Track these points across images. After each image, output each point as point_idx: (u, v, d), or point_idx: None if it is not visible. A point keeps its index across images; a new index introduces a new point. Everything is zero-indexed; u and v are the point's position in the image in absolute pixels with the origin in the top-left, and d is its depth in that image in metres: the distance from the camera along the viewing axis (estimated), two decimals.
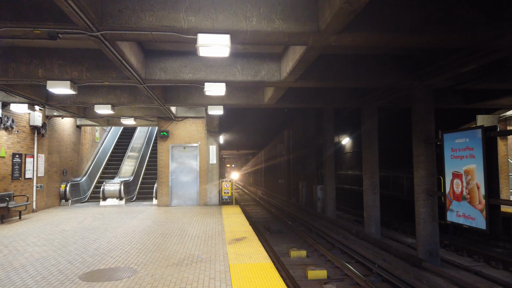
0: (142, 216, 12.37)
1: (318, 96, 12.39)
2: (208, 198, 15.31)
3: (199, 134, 15.46)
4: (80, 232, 9.32)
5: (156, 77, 8.65)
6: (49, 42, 8.08)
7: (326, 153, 17.33)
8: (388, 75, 9.13)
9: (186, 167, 15.38)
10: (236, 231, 9.35)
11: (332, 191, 17.09)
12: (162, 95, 11.35)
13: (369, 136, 12.62)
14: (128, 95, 11.81)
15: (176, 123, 15.43)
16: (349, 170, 27.99)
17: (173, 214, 12.62)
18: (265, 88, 11.65)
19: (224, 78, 8.80)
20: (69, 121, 16.61)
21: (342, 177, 26.65)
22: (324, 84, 9.45)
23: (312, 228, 15.84)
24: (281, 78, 8.80)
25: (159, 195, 15.24)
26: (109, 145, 21.68)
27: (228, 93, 12.12)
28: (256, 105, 12.35)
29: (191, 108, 15.35)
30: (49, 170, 14.81)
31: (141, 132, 22.50)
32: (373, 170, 12.53)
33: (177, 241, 8.09)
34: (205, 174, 15.35)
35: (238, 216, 12.08)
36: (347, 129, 26.63)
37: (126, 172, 18.68)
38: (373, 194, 12.51)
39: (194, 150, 15.42)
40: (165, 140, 15.35)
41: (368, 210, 12.59)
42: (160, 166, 15.28)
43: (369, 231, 12.50)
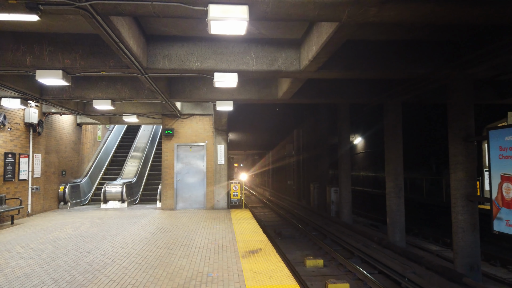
0: (144, 221, 11.35)
1: (336, 90, 11.30)
2: (216, 201, 14.27)
3: (206, 132, 14.43)
4: (74, 241, 8.31)
5: (159, 66, 7.62)
6: (38, 26, 7.08)
7: (341, 153, 16.22)
8: (423, 64, 8.02)
9: (192, 167, 14.36)
10: (249, 240, 8.28)
11: (348, 194, 15.98)
12: (166, 88, 10.33)
13: (392, 134, 11.51)
14: (130, 89, 10.80)
15: (182, 120, 14.41)
16: (361, 171, 26.86)
17: (179, 219, 11.59)
18: (280, 81, 10.58)
19: (236, 67, 7.75)
20: (68, 119, 15.65)
21: (354, 179, 25.53)
22: (349, 75, 8.36)
23: (327, 233, 14.74)
24: (301, 67, 7.72)
25: (163, 197, 14.22)
26: (112, 144, 20.72)
27: (238, 87, 11.07)
28: (269, 100, 11.29)
29: (197, 105, 14.32)
30: (47, 170, 13.84)
31: (145, 131, 21.53)
32: (397, 172, 11.42)
33: (183, 253, 7.05)
34: (213, 176, 14.31)
35: (249, 222, 11.02)
36: (358, 129, 25.52)
37: (129, 173, 17.69)
38: (398, 198, 11.40)
39: (201, 150, 14.39)
40: (170, 139, 14.33)
41: (392, 216, 11.47)
42: (164, 167, 14.26)
43: (393, 238, 11.39)
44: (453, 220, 8.23)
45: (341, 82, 11.30)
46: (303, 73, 7.89)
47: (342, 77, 8.77)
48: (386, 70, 8.10)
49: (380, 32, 7.56)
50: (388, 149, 11.61)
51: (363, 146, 26.50)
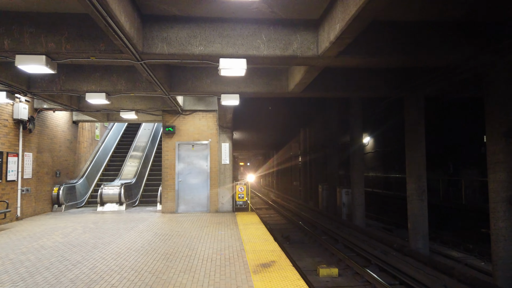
0: (142, 226, 10.37)
1: (352, 83, 10.30)
2: (220, 204, 13.28)
3: (209, 130, 13.44)
4: (61, 250, 7.34)
5: (157, 51, 6.64)
6: (17, 4, 6.12)
7: (354, 151, 15.20)
8: (457, 49, 7.01)
9: (195, 168, 13.38)
10: (259, 250, 7.28)
11: (361, 196, 14.97)
12: (166, 80, 9.35)
13: (414, 132, 10.49)
14: (126, 81, 9.83)
15: (184, 117, 13.43)
16: (371, 172, 25.80)
17: (180, 224, 10.61)
18: (291, 71, 9.58)
19: (244, 52, 6.76)
20: (63, 115, 14.71)
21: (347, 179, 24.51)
22: (372, 62, 7.37)
23: (338, 238, 13.73)
24: (319, 51, 6.73)
25: (163, 200, 13.24)
26: (111, 143, 19.77)
27: (245, 79, 10.08)
28: (279, 94, 10.30)
29: (200, 100, 13.34)
30: (39, 171, 12.90)
31: (146, 130, 20.57)
32: (420, 173, 10.39)
33: (184, 267, 6.06)
34: (217, 176, 13.32)
35: (257, 227, 10.02)
36: (367, 127, 24.41)
37: (128, 174, 16.73)
38: (420, 202, 10.37)
39: (204, 149, 13.41)
40: (171, 137, 13.36)
41: (413, 220, 10.44)
42: (165, 167, 13.28)
43: (415, 245, 10.36)
44: (492, 227, 7.21)
45: (357, 73, 10.29)
46: (321, 59, 6.90)
47: (364, 65, 7.78)
48: (414, 56, 7.09)
49: (410, 10, 6.55)
50: (410, 148, 10.59)
51: (373, 146, 25.44)
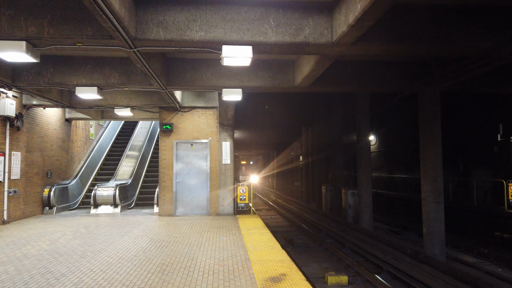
0: (137, 231, 9.61)
1: (363, 76, 9.56)
2: (221, 206, 12.53)
3: (209, 128, 12.69)
4: (45, 260, 6.58)
5: (152, 36, 5.89)
6: None
7: (360, 151, 14.47)
8: (487, 36, 6.29)
9: (194, 168, 12.62)
10: (267, 260, 6.54)
11: (369, 197, 14.25)
12: (162, 72, 8.60)
13: (429, 130, 9.76)
14: (119, 74, 9.08)
15: (182, 114, 12.67)
16: (375, 172, 25.10)
17: (178, 229, 9.85)
18: (299, 64, 8.83)
19: (250, 38, 6.01)
20: (55, 113, 13.94)
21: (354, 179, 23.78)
22: (393, 50, 6.62)
23: (345, 241, 13.01)
24: (334, 37, 5.99)
25: (160, 202, 12.48)
26: (106, 142, 18.99)
27: (249, 72, 9.34)
28: (284, 88, 9.55)
29: (200, 96, 12.59)
30: (28, 171, 12.13)
31: (143, 128, 19.80)
32: (436, 173, 9.66)
33: (182, 282, 5.31)
34: (217, 177, 12.57)
35: (262, 232, 9.28)
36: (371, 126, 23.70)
37: (123, 174, 15.96)
38: (437, 204, 9.64)
39: (204, 148, 12.66)
40: (169, 135, 12.60)
41: (429, 225, 9.72)
42: (162, 167, 12.53)
43: (431, 251, 9.63)
44: None
45: (368, 66, 9.56)
46: (336, 46, 6.15)
47: (380, 55, 7.05)
48: (440, 44, 6.36)
49: None
50: (425, 147, 9.86)
51: (376, 145, 24.75)
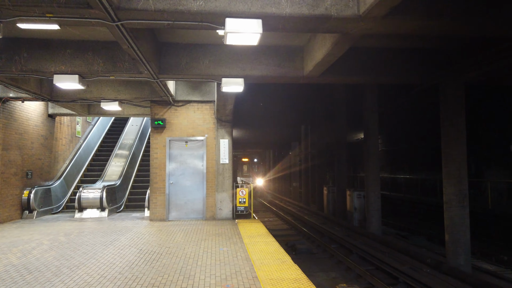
0: (125, 239, 8.46)
1: (380, 65, 8.52)
2: (218, 210, 11.42)
3: (206, 124, 11.57)
4: (9, 280, 5.43)
5: (139, 6, 4.77)
6: None
7: (368, 149, 13.45)
8: None
9: (188, 168, 11.50)
10: (279, 279, 5.44)
11: (377, 200, 13.23)
12: (154, 57, 7.47)
13: (453, 126, 8.74)
14: (104, 60, 7.93)
15: (176, 109, 11.53)
16: None
17: (171, 236, 8.73)
18: (310, 49, 7.74)
19: (260, 9, 4.92)
20: (36, 107, 12.72)
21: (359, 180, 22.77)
22: (431, 25, 5.56)
23: (352, 247, 11.97)
24: (361, 10, 4.92)
25: (152, 205, 11.34)
26: (94, 141, 17.77)
27: (251, 59, 8.25)
28: (291, 78, 8.47)
29: (195, 89, 11.47)
30: (5, 171, 10.92)
31: (134, 126, 18.61)
32: (461, 174, 8.64)
33: None
34: (214, 178, 11.46)
35: (266, 241, 8.18)
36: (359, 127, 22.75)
37: (112, 175, 14.78)
38: (461, 209, 8.62)
39: (200, 146, 11.54)
40: (161, 132, 11.46)
41: (452, 231, 8.69)
42: (153, 167, 11.38)
43: (455, 261, 8.60)
44: None
45: (385, 54, 8.52)
46: (363, 20, 5.08)
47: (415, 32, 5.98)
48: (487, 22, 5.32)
49: None
50: (448, 145, 8.83)
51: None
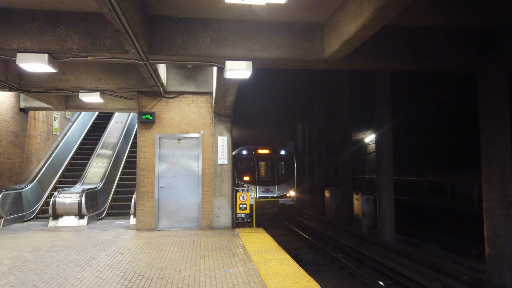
0: (106, 256, 6.93)
1: (414, 48, 7.18)
2: (215, 218, 9.94)
3: (202, 118, 10.09)
4: None
5: None
6: None
7: (381, 150, 12.16)
8: None
9: (181, 169, 10.00)
10: None
11: (391, 205, 11.96)
12: (142, 30, 5.96)
13: (496, 119, 7.46)
14: (81, 36, 6.40)
15: (167, 101, 10.03)
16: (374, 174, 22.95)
17: (162, 252, 7.22)
18: (336, 24, 6.32)
19: None
20: (5, 100, 11.05)
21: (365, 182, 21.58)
22: None
23: (364, 258, 10.63)
24: None
25: (139, 212, 9.80)
26: (74, 139, 16.09)
27: (262, 38, 6.81)
28: (309, 61, 7.05)
29: (190, 78, 9.98)
30: None
31: (118, 123, 16.99)
32: (505, 176, 7.36)
33: None
34: (211, 181, 9.99)
35: (279, 258, 6.74)
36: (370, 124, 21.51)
37: (93, 177, 13.15)
38: (506, 217, 7.33)
39: (195, 145, 10.05)
40: (149, 128, 9.93)
41: (496, 244, 7.40)
42: (140, 168, 9.85)
43: (499, 279, 7.31)
44: None
45: (420, 35, 7.18)
46: None
47: None
48: None
49: None
50: (489, 142, 7.54)
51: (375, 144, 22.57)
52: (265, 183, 15.66)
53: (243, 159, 16.18)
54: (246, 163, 16.28)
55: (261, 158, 16.43)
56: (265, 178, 16.14)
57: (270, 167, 16.38)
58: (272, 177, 16.02)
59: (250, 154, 16.28)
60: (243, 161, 16.18)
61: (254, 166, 15.96)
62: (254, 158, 16.14)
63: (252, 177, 15.66)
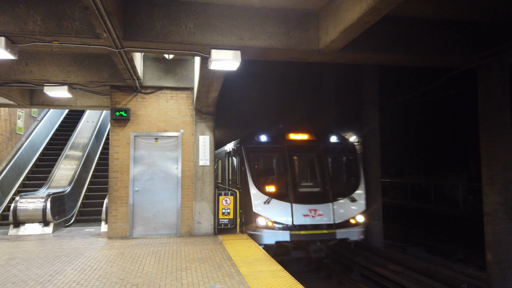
0: (72, 271, 6.05)
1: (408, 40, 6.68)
2: (196, 224, 9.16)
3: (182, 116, 9.31)
4: None
5: None
6: None
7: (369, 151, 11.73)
8: None
9: (159, 171, 9.17)
10: None
11: (379, 208, 11.49)
12: (117, 9, 5.18)
13: (497, 118, 7.06)
14: (44, 17, 5.55)
15: (143, 97, 9.19)
16: None
17: (138, 264, 6.40)
18: (334, 10, 5.72)
19: None
20: None
21: None
22: None
23: (350, 263, 10.12)
24: None
25: (111, 218, 8.90)
26: (40, 139, 14.92)
27: (252, 26, 6.15)
28: (303, 52, 6.42)
29: (169, 72, 9.19)
30: None
31: (89, 123, 15.93)
32: (507, 178, 6.96)
33: None
34: (191, 183, 9.21)
35: (270, 269, 6.06)
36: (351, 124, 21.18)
37: (61, 180, 12.09)
38: (509, 221, 6.93)
39: (174, 145, 9.26)
40: (124, 126, 9.07)
41: (498, 250, 6.98)
42: (113, 170, 8.96)
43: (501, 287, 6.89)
44: None
45: (416, 26, 6.70)
46: None
47: None
48: None
49: None
50: (490, 142, 7.13)
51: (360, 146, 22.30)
52: (309, 198, 8.85)
53: (262, 150, 9.57)
54: (269, 159, 9.77)
55: (298, 150, 9.54)
56: (308, 187, 9.32)
57: (317, 167, 9.43)
58: (322, 186, 9.20)
59: (276, 141, 9.44)
60: (262, 156, 9.72)
61: (284, 163, 9.16)
62: (285, 149, 9.26)
63: (282, 186, 8.99)
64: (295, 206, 8.52)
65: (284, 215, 8.47)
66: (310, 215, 8.47)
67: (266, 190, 8.78)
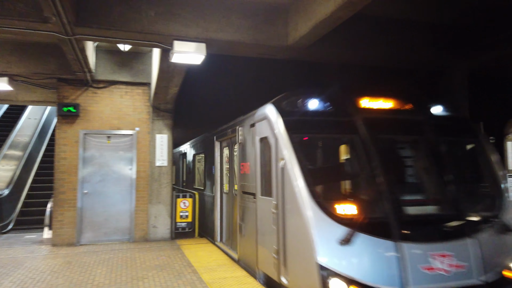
0: (9, 284, 5.34)
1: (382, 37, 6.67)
2: (152, 228, 8.59)
3: (137, 113, 8.71)
4: None
5: None
6: None
7: None
8: None
9: (111, 172, 8.50)
10: None
11: None
12: None
13: None
14: None
15: (95, 92, 8.49)
16: None
17: (87, 275, 5.79)
18: (303, 6, 5.52)
19: None
20: None
21: None
22: None
23: None
24: None
25: (56, 223, 8.11)
26: None
27: (218, 18, 5.79)
28: (271, 47, 6.16)
29: (124, 66, 8.57)
30: None
31: (32, 119, 14.68)
32: None
33: None
34: (147, 185, 8.64)
35: (235, 275, 5.71)
36: None
37: None
38: None
39: (128, 144, 8.64)
40: (72, 123, 8.31)
41: None
42: (60, 171, 8.18)
43: None
44: None
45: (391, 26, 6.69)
46: None
47: None
48: None
49: None
50: None
51: None
52: (430, 229, 4.02)
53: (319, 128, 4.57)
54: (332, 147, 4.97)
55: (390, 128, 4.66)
56: (423, 204, 4.43)
57: (433, 162, 4.61)
58: (449, 202, 4.33)
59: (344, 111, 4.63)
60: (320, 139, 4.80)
61: (368, 156, 4.28)
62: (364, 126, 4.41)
63: (371, 203, 4.12)
64: (407, 248, 3.79)
65: (383, 269, 3.74)
66: (439, 267, 3.82)
67: (339, 213, 3.95)
